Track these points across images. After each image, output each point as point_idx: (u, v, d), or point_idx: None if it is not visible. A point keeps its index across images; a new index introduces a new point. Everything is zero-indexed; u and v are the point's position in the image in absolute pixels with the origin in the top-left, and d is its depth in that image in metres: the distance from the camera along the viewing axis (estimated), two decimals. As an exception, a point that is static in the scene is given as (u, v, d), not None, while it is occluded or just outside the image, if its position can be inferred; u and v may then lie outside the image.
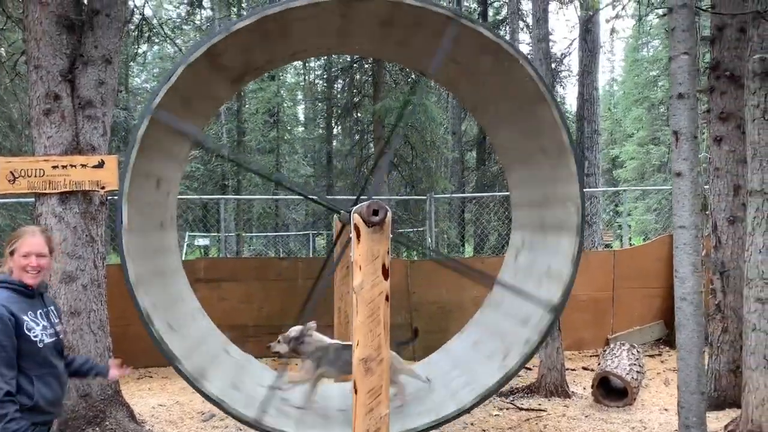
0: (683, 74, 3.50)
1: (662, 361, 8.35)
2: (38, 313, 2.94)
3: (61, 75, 5.30)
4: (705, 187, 6.33)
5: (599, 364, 6.85)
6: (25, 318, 2.83)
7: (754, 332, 5.02)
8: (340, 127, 23.55)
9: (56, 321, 3.05)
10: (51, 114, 5.27)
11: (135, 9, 9.96)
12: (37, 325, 2.88)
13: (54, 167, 5.22)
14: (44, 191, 5.22)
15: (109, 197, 5.70)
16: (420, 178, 14.73)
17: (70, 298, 5.20)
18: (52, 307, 3.08)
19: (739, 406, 5.43)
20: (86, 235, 5.32)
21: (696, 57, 3.63)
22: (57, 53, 5.30)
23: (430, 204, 9.90)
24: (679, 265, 3.53)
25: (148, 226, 4.60)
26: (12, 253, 2.92)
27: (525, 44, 20.22)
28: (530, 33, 17.22)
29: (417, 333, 5.29)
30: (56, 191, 5.22)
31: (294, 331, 4.64)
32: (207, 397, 4.07)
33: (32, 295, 2.95)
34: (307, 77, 29.68)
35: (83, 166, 5.28)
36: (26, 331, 2.81)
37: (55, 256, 5.04)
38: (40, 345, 2.86)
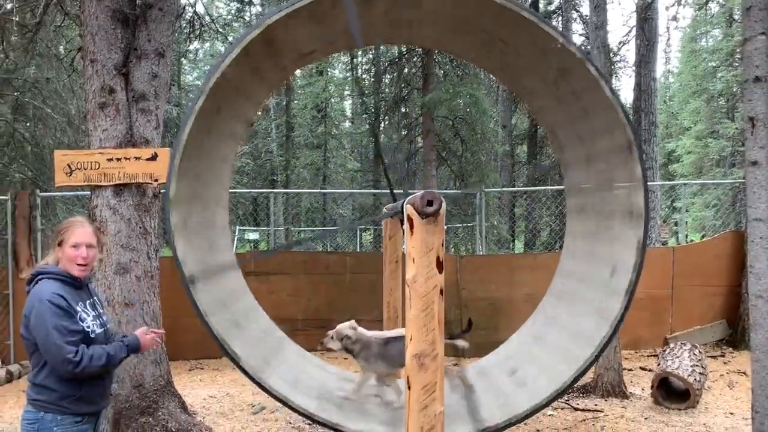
0: (760, 56, 3.26)
1: (725, 363, 7.97)
2: (87, 303, 2.93)
3: (115, 68, 5.36)
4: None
5: (659, 364, 6.57)
6: (78, 309, 2.83)
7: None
8: (387, 122, 23.46)
9: (102, 311, 3.04)
10: (106, 107, 5.34)
11: (188, 5, 10.08)
12: (88, 315, 2.87)
13: (109, 160, 5.29)
14: (99, 183, 5.29)
15: (162, 190, 5.75)
16: (470, 172, 14.51)
17: (124, 290, 5.26)
18: (96, 297, 3.06)
19: (813, 412, 5.12)
20: (140, 227, 5.37)
21: (773, 38, 3.38)
22: (112, 47, 5.35)
23: (480, 198, 9.71)
24: (755, 261, 3.29)
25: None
26: (60, 244, 2.89)
27: (578, 35, 19.70)
28: (584, 23, 16.77)
29: (471, 324, 5.14)
30: (111, 183, 5.28)
31: (344, 328, 4.59)
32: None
33: (81, 286, 2.94)
34: (354, 72, 29.72)
35: (137, 158, 5.33)
36: (80, 322, 2.81)
37: (105, 249, 5.15)
38: (92, 336, 2.85)
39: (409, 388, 3.07)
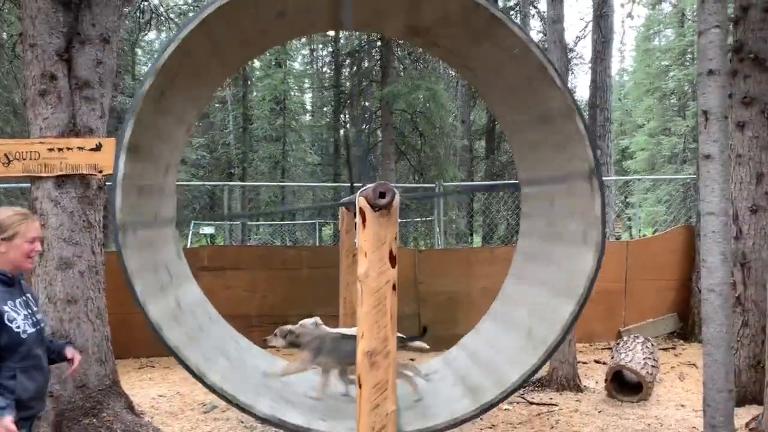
0: (714, 49, 3.26)
1: (676, 355, 8.13)
2: (17, 301, 2.74)
3: (57, 54, 5.08)
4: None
5: (612, 357, 6.64)
6: (6, 308, 2.64)
7: (779, 326, 4.81)
8: (347, 115, 23.31)
9: (36, 309, 2.86)
10: (47, 95, 5.07)
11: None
12: (18, 314, 2.69)
13: (50, 150, 5.03)
14: (40, 174, 5.03)
15: (107, 182, 5.51)
16: (429, 166, 14.49)
17: (66, 285, 5.02)
18: (29, 295, 2.88)
19: (760, 403, 5.24)
20: (83, 221, 5.13)
21: (727, 32, 3.39)
22: (53, 31, 5.08)
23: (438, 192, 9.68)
24: (708, 254, 3.31)
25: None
26: (10, 239, 2.71)
27: (536, 31, 19.86)
28: (542, 19, 16.91)
29: (426, 331, 5.06)
30: (52, 175, 5.02)
31: (306, 323, 4.51)
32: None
33: (12, 283, 2.75)
34: (314, 65, 29.43)
35: (80, 148, 5.08)
36: (8, 323, 2.62)
37: (46, 243, 4.92)
38: (24, 336, 2.67)
39: (360, 386, 2.97)
